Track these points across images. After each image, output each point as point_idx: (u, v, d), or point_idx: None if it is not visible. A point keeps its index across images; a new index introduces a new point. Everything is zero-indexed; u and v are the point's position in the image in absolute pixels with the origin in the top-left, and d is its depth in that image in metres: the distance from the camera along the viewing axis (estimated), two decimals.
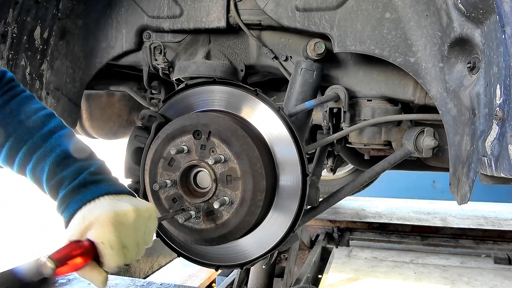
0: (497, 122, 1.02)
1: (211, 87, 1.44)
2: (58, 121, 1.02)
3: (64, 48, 1.86)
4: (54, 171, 0.94)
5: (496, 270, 3.44)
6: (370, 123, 1.67)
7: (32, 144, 0.96)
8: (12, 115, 0.97)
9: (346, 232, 3.81)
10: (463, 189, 1.27)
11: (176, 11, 1.77)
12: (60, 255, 0.82)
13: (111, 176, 1.00)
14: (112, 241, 0.87)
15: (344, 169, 4.17)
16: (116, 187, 0.97)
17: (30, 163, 0.95)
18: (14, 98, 1.00)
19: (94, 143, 2.73)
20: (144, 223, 0.95)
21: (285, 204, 1.37)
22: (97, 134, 2.68)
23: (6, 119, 0.97)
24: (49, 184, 0.94)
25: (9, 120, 0.97)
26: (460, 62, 1.29)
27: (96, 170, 0.97)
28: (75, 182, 0.93)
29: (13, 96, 1.00)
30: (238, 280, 2.34)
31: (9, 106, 0.98)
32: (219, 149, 1.29)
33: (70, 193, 0.93)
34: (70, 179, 0.93)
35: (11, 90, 1.01)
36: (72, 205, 0.92)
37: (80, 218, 0.89)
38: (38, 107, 1.02)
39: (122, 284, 1.91)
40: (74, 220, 0.90)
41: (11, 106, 0.98)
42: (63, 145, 0.97)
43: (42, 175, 0.95)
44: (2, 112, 0.97)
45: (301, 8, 1.57)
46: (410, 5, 1.41)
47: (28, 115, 0.98)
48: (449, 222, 4.11)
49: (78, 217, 0.90)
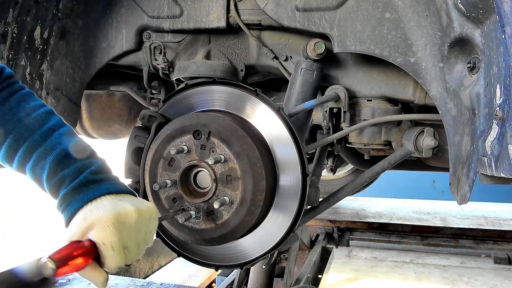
0: (497, 122, 1.02)
1: (211, 87, 1.44)
2: (58, 118, 1.01)
3: (64, 48, 1.86)
4: (54, 169, 0.93)
5: (496, 270, 3.44)
6: (370, 123, 1.67)
7: (32, 142, 0.95)
8: (11, 112, 0.96)
9: (346, 232, 3.80)
10: (463, 189, 1.27)
11: (176, 11, 1.77)
12: (61, 255, 0.82)
13: (112, 175, 1.00)
14: (114, 242, 0.87)
15: (344, 169, 4.17)
16: (118, 186, 0.97)
17: (30, 161, 0.95)
18: (13, 95, 0.98)
19: (94, 143, 2.73)
20: (146, 223, 0.94)
21: (285, 204, 1.37)
22: (97, 134, 2.68)
23: (6, 116, 0.95)
24: (50, 183, 0.94)
25: (8, 118, 0.95)
26: (460, 62, 1.29)
27: (97, 169, 0.97)
28: (76, 181, 0.92)
29: (12, 93, 0.98)
30: (238, 280, 2.34)
31: (8, 103, 0.97)
32: (219, 149, 1.29)
33: (71, 192, 0.92)
34: (71, 178, 0.93)
35: (10, 87, 0.99)
36: (73, 204, 0.91)
37: (82, 218, 0.89)
38: (37, 104, 1.00)
39: (122, 284, 1.91)
40: (75, 219, 0.90)
41: (10, 103, 0.97)
42: (63, 144, 0.96)
43: (43, 174, 0.94)
44: (1, 109, 0.96)
45: (301, 8, 1.57)
46: (410, 5, 1.41)
47: (27, 112, 0.97)
48: (449, 222, 4.11)
49: (80, 217, 0.89)
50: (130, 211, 0.91)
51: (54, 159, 0.94)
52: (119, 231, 0.88)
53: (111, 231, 0.87)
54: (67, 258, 0.82)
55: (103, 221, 0.87)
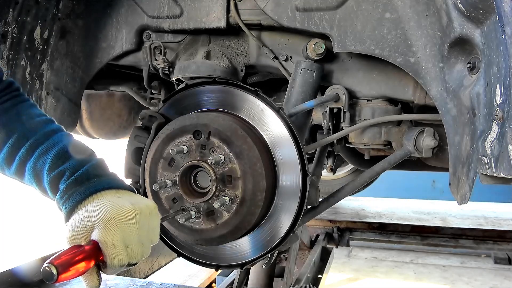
0: (497, 122, 1.02)
1: (211, 87, 1.45)
2: (58, 125, 1.08)
3: (64, 48, 1.86)
4: (56, 163, 0.97)
5: (496, 270, 3.44)
6: (370, 123, 1.67)
7: (35, 140, 0.99)
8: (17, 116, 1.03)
9: (346, 232, 3.81)
10: (463, 189, 1.27)
11: (176, 11, 1.77)
12: (62, 260, 0.81)
13: (111, 172, 1.03)
14: (115, 241, 0.88)
15: (344, 169, 4.17)
16: (118, 182, 1.00)
17: (32, 158, 0.98)
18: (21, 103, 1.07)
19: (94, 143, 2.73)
20: (146, 220, 0.95)
21: (285, 204, 1.37)
22: (97, 134, 2.68)
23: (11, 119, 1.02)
24: (50, 175, 0.96)
25: (13, 120, 1.02)
26: (460, 62, 1.29)
27: (97, 164, 1.00)
28: (77, 174, 0.96)
29: (20, 101, 1.08)
30: (238, 280, 2.35)
31: (16, 109, 1.05)
32: (219, 149, 1.29)
33: (73, 184, 0.94)
34: (72, 171, 0.96)
35: (19, 97, 1.09)
36: (74, 196, 0.93)
37: (84, 218, 0.90)
38: (41, 113, 1.09)
39: (122, 284, 1.91)
40: (77, 217, 0.91)
41: (18, 109, 1.05)
42: (65, 141, 1.01)
43: (44, 167, 0.97)
44: (9, 113, 1.03)
45: (301, 8, 1.57)
46: (410, 5, 1.41)
47: (31, 116, 1.05)
48: (449, 222, 4.11)
49: (82, 216, 0.91)
50: (130, 209, 0.92)
51: (56, 153, 0.98)
52: (120, 229, 0.89)
53: (112, 229, 0.88)
54: (69, 263, 0.81)
55: (104, 220, 0.89)
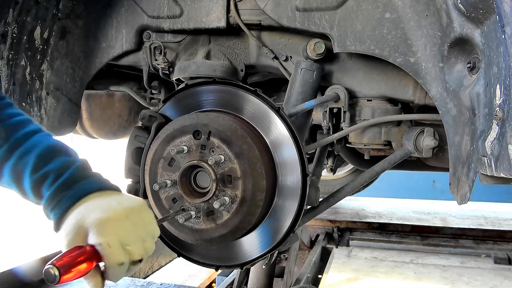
0: (497, 122, 1.02)
1: (211, 87, 1.45)
2: (38, 125, 1.03)
3: (64, 48, 1.86)
4: (38, 164, 0.93)
5: (496, 270, 3.44)
6: (370, 123, 1.67)
7: (14, 141, 0.95)
8: None
9: (346, 232, 3.81)
10: (463, 189, 1.27)
11: (176, 11, 1.77)
12: (63, 261, 0.80)
13: (96, 173, 1.01)
14: (110, 241, 0.87)
15: (344, 169, 4.17)
16: (105, 183, 0.98)
17: (11, 159, 0.94)
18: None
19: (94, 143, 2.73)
20: (139, 216, 0.95)
21: (285, 204, 1.37)
22: (97, 134, 2.68)
23: None
24: (33, 178, 0.93)
25: None
26: (460, 62, 1.29)
27: (82, 166, 0.98)
28: (63, 178, 0.92)
29: None
30: (238, 280, 2.35)
31: None
32: (219, 149, 1.29)
33: (60, 188, 0.92)
34: (57, 173, 0.93)
35: None
36: (64, 201, 0.91)
37: (76, 224, 0.88)
38: (17, 112, 1.02)
39: (122, 284, 1.92)
40: (70, 225, 0.89)
41: None
42: (46, 142, 0.97)
43: (25, 170, 0.93)
44: None
45: (301, 8, 1.57)
46: (410, 5, 1.41)
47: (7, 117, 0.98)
48: (449, 222, 4.11)
49: (74, 223, 0.89)
50: (120, 208, 0.92)
51: (39, 154, 0.94)
52: (114, 229, 0.88)
53: (106, 231, 0.87)
54: (70, 264, 0.81)
55: (97, 223, 0.87)
